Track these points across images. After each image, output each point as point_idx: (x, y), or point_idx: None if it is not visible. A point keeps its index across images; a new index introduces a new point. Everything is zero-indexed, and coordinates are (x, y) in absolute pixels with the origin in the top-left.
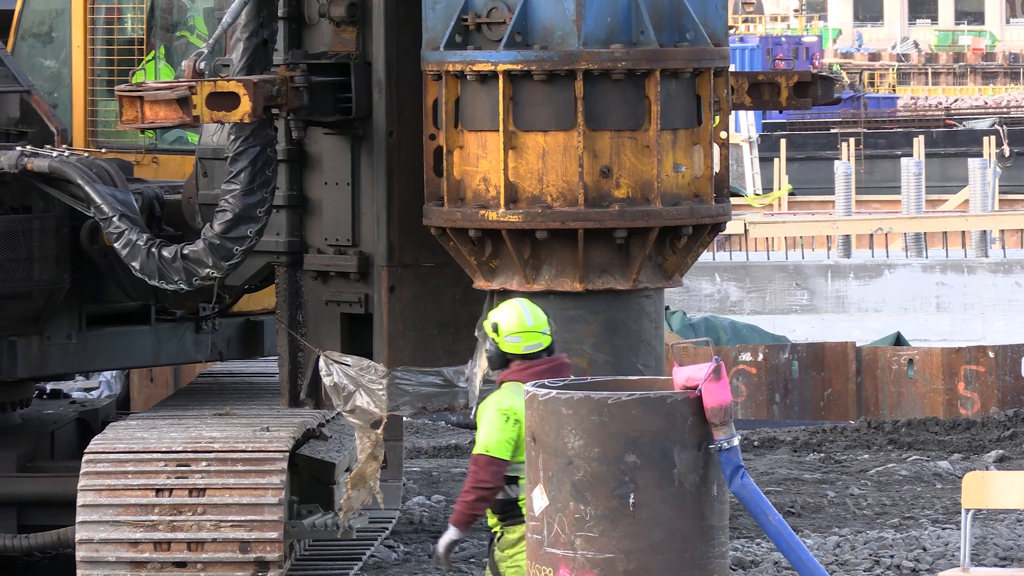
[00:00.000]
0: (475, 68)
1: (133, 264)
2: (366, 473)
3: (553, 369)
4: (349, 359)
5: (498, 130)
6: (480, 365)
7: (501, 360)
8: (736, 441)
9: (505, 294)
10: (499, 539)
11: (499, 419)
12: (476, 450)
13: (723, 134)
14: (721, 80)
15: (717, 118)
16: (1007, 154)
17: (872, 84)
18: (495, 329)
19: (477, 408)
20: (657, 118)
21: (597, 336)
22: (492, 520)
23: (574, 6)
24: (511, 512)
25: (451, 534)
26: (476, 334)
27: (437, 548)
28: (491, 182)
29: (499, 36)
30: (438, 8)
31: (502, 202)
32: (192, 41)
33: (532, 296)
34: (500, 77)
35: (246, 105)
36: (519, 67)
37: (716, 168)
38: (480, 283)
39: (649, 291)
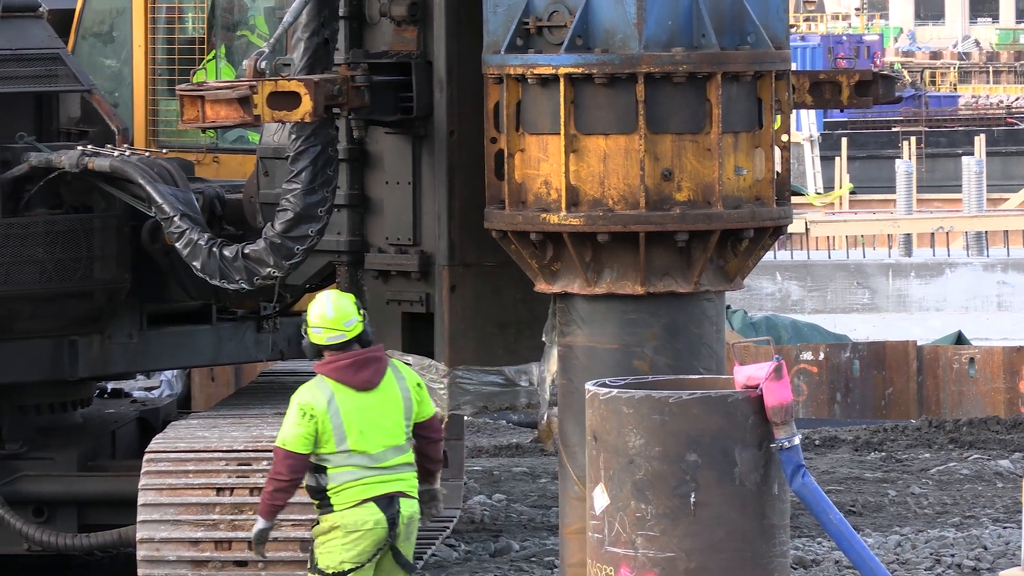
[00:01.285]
0: (536, 71)
1: (194, 263)
2: None
3: (357, 363)
4: (410, 358)
5: (559, 133)
6: (548, 369)
7: (313, 351)
8: (797, 440)
9: (567, 297)
10: (314, 526)
11: (296, 414)
12: (276, 442)
13: (784, 137)
14: (782, 83)
15: (778, 120)
16: None
17: (933, 83)
18: (306, 320)
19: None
20: (718, 121)
21: (658, 339)
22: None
23: (635, 9)
24: (322, 501)
25: (259, 524)
26: (544, 338)
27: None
28: (552, 185)
29: (560, 39)
30: (499, 11)
31: (563, 205)
32: (253, 40)
33: (593, 299)
34: (561, 80)
35: (307, 104)
36: (580, 70)
37: (777, 171)
38: (541, 286)
39: (710, 294)
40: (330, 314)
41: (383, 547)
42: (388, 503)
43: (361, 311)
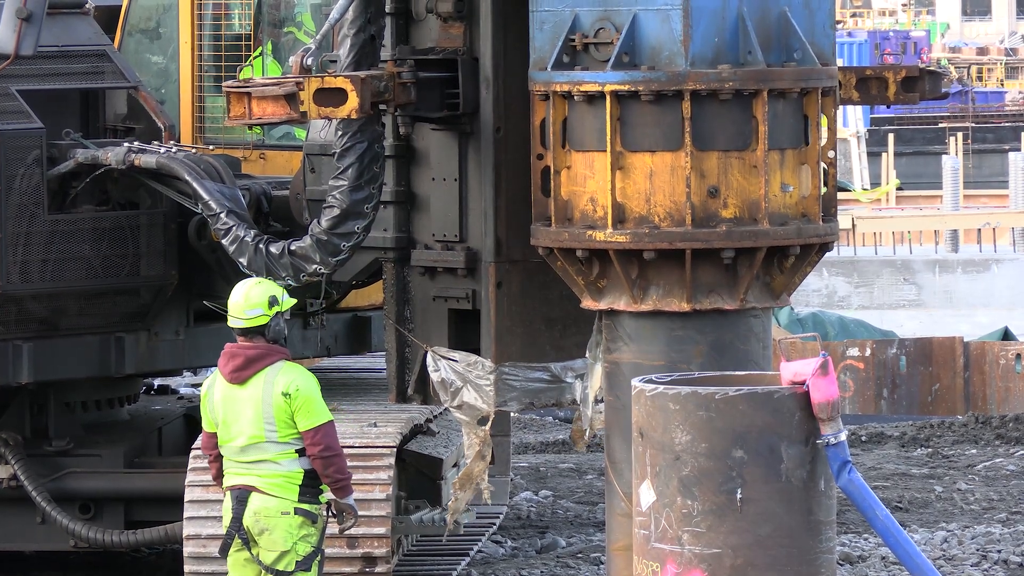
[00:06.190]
0: (582, 89)
1: (241, 260)
2: (473, 474)
3: (227, 354)
4: (457, 355)
5: (605, 150)
6: (592, 386)
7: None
8: (843, 436)
9: (613, 314)
10: None
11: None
12: None
13: (831, 153)
14: (829, 99)
15: (825, 137)
16: None
17: (980, 79)
18: None
19: None
20: (764, 138)
21: (704, 357)
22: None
23: (682, 26)
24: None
25: None
26: (587, 355)
27: None
28: (598, 202)
29: (607, 56)
30: (546, 28)
31: (609, 222)
32: (299, 37)
33: (640, 316)
34: (607, 98)
35: (353, 101)
36: (626, 88)
37: (823, 187)
38: (588, 303)
39: (757, 311)
40: (236, 299)
41: (232, 540)
42: (238, 495)
43: (275, 307)
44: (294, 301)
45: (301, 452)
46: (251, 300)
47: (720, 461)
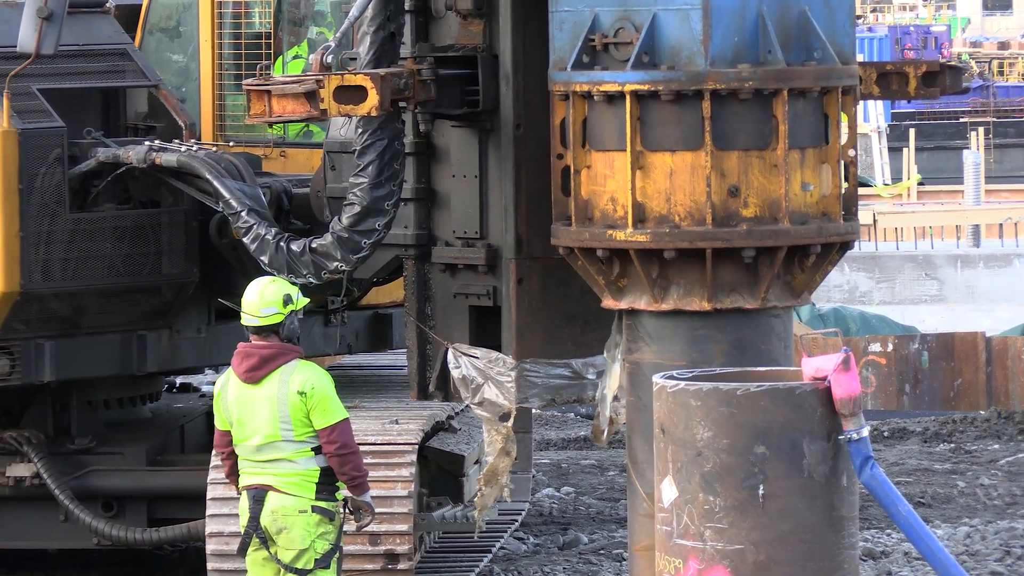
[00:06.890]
0: (602, 88)
1: (262, 258)
2: (498, 469)
3: (241, 354)
4: (478, 351)
5: (625, 150)
6: (610, 386)
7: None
8: (865, 432)
9: (634, 314)
10: None
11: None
12: None
13: (851, 152)
14: (849, 98)
15: (845, 135)
16: None
17: (1001, 73)
18: None
19: None
20: (785, 137)
21: (726, 356)
22: None
23: (701, 26)
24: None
25: None
26: (605, 355)
27: None
28: (619, 202)
29: (626, 56)
30: (565, 28)
31: (630, 222)
32: (327, 36)
33: (661, 316)
34: (627, 97)
35: (373, 98)
36: (646, 87)
37: (844, 186)
38: (608, 303)
39: (778, 310)
40: (251, 297)
41: (250, 539)
42: (255, 494)
43: (289, 305)
44: (308, 300)
45: (317, 450)
46: (266, 298)
47: (742, 457)
